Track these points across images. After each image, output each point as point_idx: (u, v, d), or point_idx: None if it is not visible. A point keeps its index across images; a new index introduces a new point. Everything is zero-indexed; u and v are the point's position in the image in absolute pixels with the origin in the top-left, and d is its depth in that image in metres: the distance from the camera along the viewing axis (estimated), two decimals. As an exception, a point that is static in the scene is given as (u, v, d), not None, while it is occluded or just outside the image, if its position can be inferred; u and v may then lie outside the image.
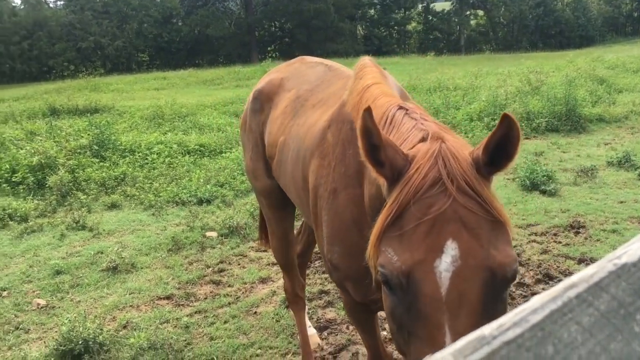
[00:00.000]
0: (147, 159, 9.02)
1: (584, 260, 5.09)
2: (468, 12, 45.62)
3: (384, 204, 1.64)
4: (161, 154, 9.20)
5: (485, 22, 45.87)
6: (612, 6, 44.50)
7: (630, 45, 32.90)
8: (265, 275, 5.26)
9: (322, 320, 4.43)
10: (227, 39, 40.00)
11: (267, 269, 5.40)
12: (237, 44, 40.49)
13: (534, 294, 4.43)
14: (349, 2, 41.91)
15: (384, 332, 4.00)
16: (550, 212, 6.34)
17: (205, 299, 4.87)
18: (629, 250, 0.72)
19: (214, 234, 6.20)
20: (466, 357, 0.52)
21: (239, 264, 5.55)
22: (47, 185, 7.80)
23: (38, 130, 10.81)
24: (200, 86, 21.67)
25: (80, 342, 3.89)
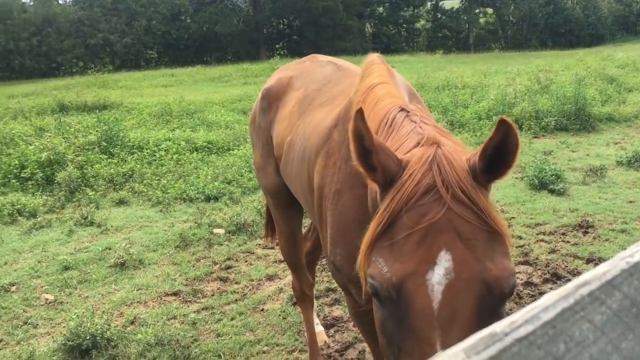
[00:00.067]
0: (155, 155, 9.06)
1: (592, 260, 5.07)
2: (477, 10, 45.37)
3: (377, 210, 1.56)
4: (169, 150, 9.24)
5: (495, 20, 45.62)
6: (623, 4, 44.10)
7: (640, 44, 32.68)
8: (272, 272, 5.27)
9: (328, 318, 4.43)
10: (236, 36, 39.98)
11: (274, 266, 5.41)
12: (245, 41, 40.46)
13: (542, 293, 4.42)
14: (358, -1, 41.86)
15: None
16: (558, 211, 6.31)
17: (213, 295, 4.88)
18: (642, 248, 0.72)
19: (221, 231, 6.22)
20: (478, 354, 0.52)
21: (246, 261, 5.56)
22: (55, 181, 7.85)
23: (47, 126, 10.86)
24: (209, 83, 21.70)
25: (88, 338, 3.92)
